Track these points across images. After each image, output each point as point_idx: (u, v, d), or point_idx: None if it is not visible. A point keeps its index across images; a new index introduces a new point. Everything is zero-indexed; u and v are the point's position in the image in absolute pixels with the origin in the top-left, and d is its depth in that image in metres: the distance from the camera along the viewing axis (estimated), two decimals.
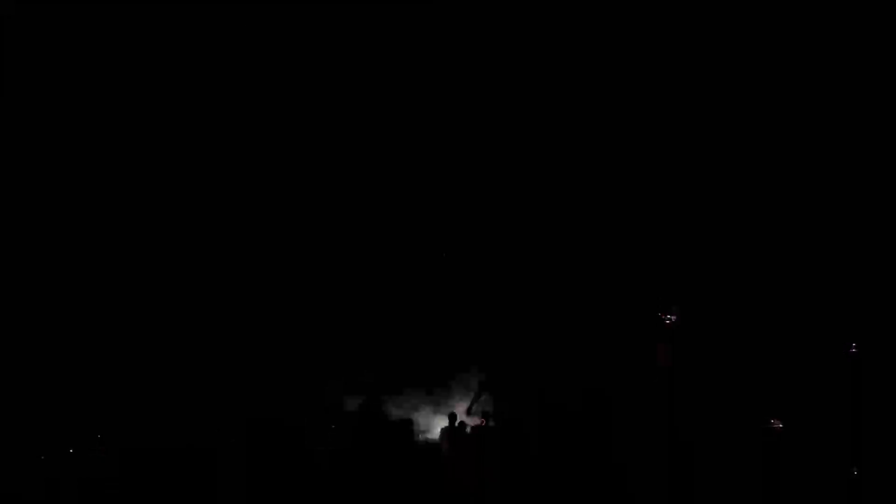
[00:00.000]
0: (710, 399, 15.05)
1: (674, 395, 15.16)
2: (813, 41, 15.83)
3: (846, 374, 14.93)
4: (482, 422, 16.72)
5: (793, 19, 15.90)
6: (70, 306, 16.53)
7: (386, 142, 17.33)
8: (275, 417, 15.92)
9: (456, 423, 16.63)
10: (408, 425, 16.77)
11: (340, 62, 17.78)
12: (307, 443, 16.00)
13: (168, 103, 17.57)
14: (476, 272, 17.12)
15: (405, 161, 17.25)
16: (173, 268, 16.91)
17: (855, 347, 15.00)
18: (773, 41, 15.91)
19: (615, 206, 16.49)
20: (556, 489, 15.65)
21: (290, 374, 16.57)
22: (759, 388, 14.94)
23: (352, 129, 17.55)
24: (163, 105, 17.55)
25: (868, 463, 14.32)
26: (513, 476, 16.01)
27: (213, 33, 17.55)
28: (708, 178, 16.18)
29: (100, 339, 16.48)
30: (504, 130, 17.03)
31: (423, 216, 17.29)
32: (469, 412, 16.95)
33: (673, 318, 15.34)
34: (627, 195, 16.43)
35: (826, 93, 15.89)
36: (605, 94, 16.61)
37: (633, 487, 15.32)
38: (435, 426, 17.01)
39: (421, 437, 16.97)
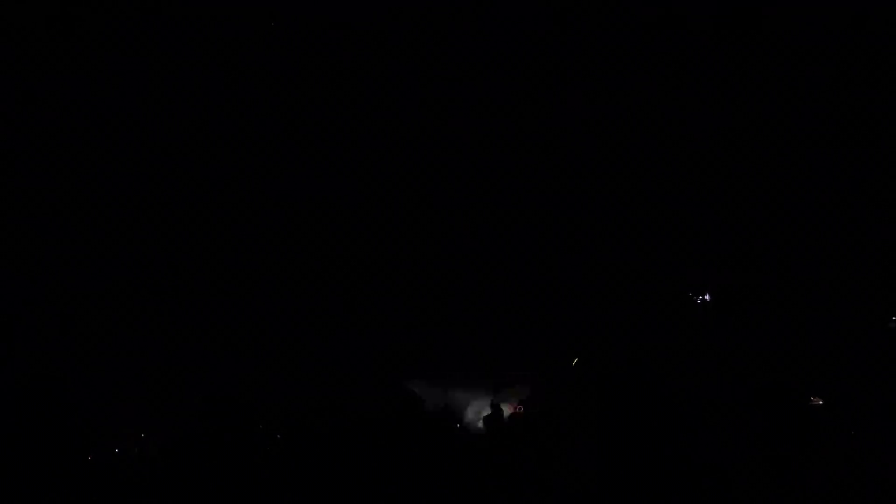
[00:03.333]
0: (747, 378, 15.11)
1: (709, 376, 15.27)
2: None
3: (889, 348, 14.97)
4: (518, 408, 16.86)
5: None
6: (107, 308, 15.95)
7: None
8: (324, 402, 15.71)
9: (496, 412, 16.82)
10: (449, 414, 16.80)
11: (340, 61, 17.76)
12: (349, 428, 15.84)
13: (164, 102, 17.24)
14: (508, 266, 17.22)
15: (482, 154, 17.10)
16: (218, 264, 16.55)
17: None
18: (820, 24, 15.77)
19: (653, 188, 16.57)
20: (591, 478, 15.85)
21: (339, 364, 16.37)
22: (798, 364, 14.93)
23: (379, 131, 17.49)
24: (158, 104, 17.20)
25: None
26: (546, 464, 16.19)
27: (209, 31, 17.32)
28: (752, 164, 16.29)
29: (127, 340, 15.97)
30: (543, 128, 17.13)
31: (481, 213, 17.21)
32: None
33: (706, 298, 15.66)
34: (666, 178, 16.48)
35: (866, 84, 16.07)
36: (642, 89, 16.79)
37: (671, 472, 15.47)
38: (477, 415, 17.11)
39: (463, 424, 17.03)
